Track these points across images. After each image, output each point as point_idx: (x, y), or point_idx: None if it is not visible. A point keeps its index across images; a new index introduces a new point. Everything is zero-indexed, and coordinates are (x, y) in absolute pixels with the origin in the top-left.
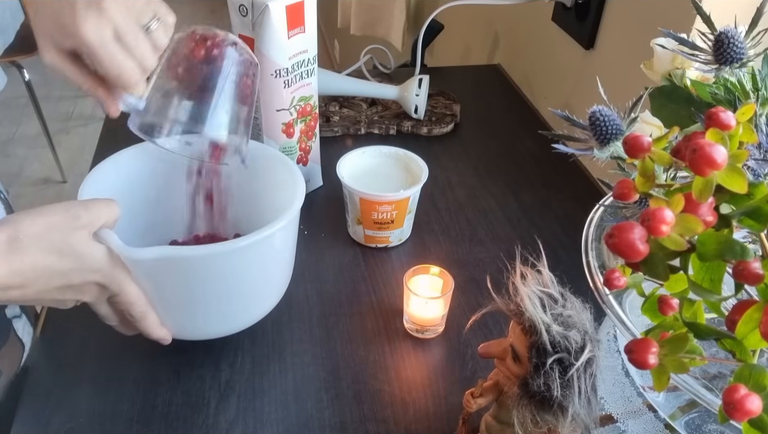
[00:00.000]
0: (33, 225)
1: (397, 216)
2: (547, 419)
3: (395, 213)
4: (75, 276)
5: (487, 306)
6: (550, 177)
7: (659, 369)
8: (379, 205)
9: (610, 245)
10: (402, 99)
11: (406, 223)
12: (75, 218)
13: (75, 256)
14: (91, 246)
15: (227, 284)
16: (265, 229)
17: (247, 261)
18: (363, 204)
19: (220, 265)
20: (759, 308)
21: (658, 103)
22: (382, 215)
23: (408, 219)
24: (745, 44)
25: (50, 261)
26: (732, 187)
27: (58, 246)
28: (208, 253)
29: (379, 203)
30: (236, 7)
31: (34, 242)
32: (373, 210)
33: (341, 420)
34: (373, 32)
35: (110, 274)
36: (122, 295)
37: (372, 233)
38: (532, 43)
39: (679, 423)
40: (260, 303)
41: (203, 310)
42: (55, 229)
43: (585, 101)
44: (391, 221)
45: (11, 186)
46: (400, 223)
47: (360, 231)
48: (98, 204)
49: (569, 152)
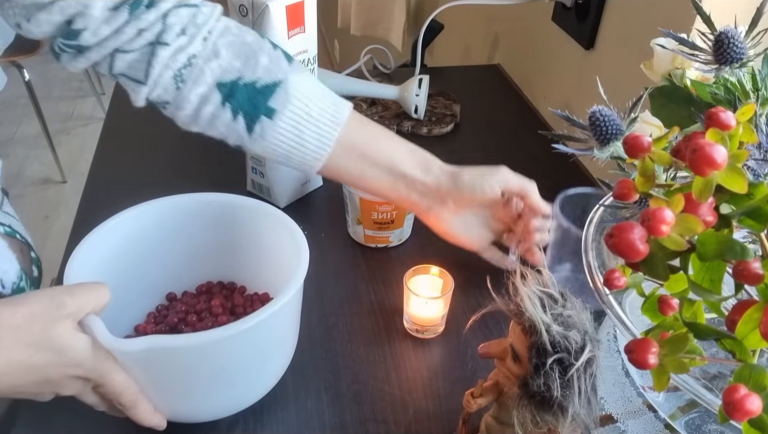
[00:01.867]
0: (12, 317)
1: (397, 216)
2: (547, 419)
3: (395, 213)
4: (53, 371)
5: (487, 306)
6: (550, 177)
7: (659, 369)
8: (379, 205)
9: (610, 245)
10: (402, 99)
11: (406, 223)
12: (59, 307)
13: (54, 351)
14: (72, 338)
15: (223, 369)
16: (264, 311)
17: (245, 345)
18: (363, 204)
19: (214, 352)
20: (759, 308)
21: (658, 103)
22: (382, 215)
23: (408, 219)
24: (745, 44)
25: (26, 355)
26: (732, 187)
27: (36, 339)
28: (200, 343)
29: (379, 203)
30: (236, 7)
31: (10, 334)
32: (373, 210)
33: (341, 420)
34: (373, 32)
35: (92, 367)
36: (108, 386)
37: (372, 233)
38: (532, 43)
39: (679, 423)
40: (262, 381)
41: (199, 395)
42: (36, 320)
43: (585, 101)
44: (391, 221)
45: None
46: (400, 223)
47: (360, 232)
48: (85, 290)
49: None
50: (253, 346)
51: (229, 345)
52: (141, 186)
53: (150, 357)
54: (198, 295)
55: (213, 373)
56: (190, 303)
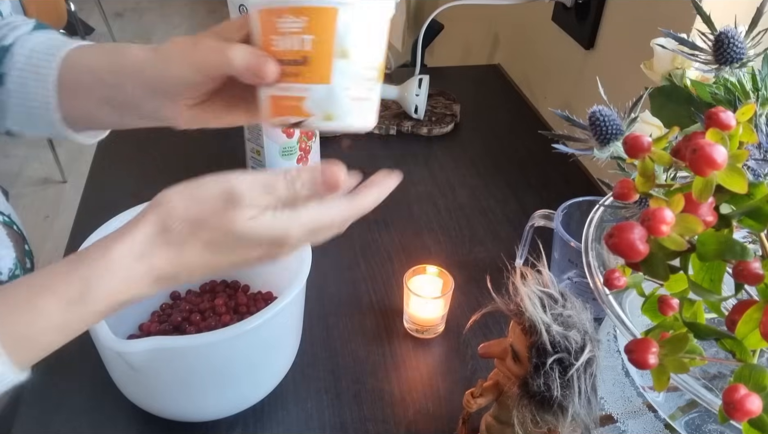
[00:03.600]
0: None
1: (316, 49)
2: (547, 419)
3: (311, 40)
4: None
5: (487, 306)
6: (550, 177)
7: (659, 369)
8: (281, 15)
9: (610, 245)
10: (402, 99)
11: (337, 75)
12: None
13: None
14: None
15: (226, 369)
16: (268, 311)
17: (248, 345)
18: (262, 21)
19: (217, 352)
20: (759, 308)
21: (658, 103)
22: (284, 43)
23: (341, 66)
24: (745, 44)
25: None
26: (732, 187)
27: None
28: (203, 343)
29: (281, 12)
30: (236, 7)
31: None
32: (273, 31)
33: (341, 420)
34: None
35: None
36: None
37: (277, 90)
38: (532, 43)
39: (679, 423)
40: (265, 381)
41: (201, 395)
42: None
43: (585, 101)
44: (303, 59)
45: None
46: (320, 67)
47: (266, 97)
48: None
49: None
50: (257, 346)
51: (232, 346)
52: (141, 186)
53: (153, 357)
54: (202, 294)
55: (216, 373)
56: (194, 302)
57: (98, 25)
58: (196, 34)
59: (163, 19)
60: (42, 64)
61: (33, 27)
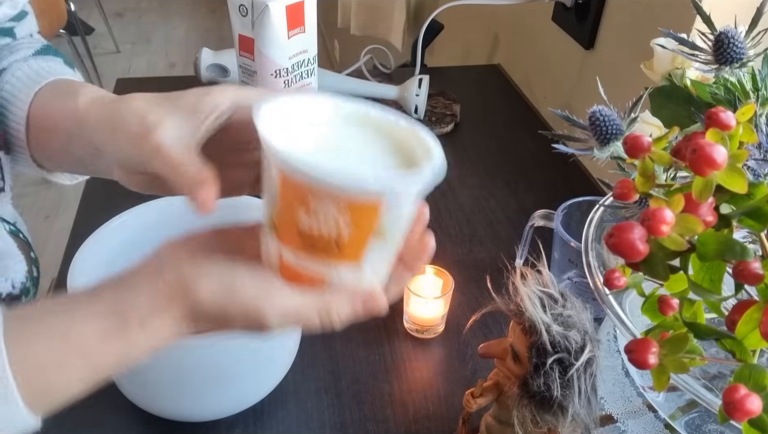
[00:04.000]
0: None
1: (350, 234)
2: (547, 419)
3: (348, 226)
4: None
5: (487, 306)
6: (550, 177)
7: (659, 369)
8: (314, 195)
9: (610, 245)
10: (402, 99)
11: (370, 255)
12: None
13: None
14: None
15: (226, 369)
16: None
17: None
18: (283, 184)
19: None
20: (759, 308)
21: (658, 103)
22: (317, 222)
23: (375, 246)
24: (745, 44)
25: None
26: (732, 187)
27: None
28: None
29: (315, 193)
30: (236, 7)
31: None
32: (300, 202)
33: (341, 420)
34: (373, 32)
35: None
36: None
37: (294, 259)
38: (532, 43)
39: (679, 423)
40: (265, 381)
41: (201, 395)
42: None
43: (585, 101)
44: (338, 244)
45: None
46: (352, 250)
47: (274, 252)
48: None
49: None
50: (257, 346)
51: (232, 346)
52: None
53: (153, 357)
54: None
55: (216, 373)
56: None
57: (98, 25)
58: (161, 105)
59: (163, 19)
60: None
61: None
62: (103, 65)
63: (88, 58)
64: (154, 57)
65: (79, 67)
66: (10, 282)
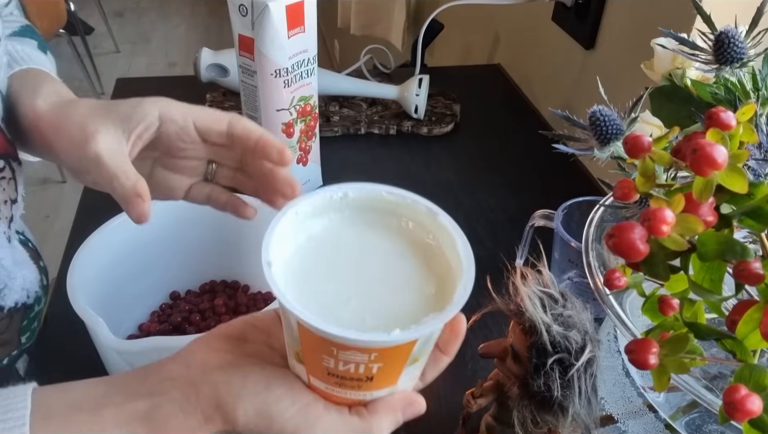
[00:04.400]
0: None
1: (382, 370)
2: (547, 419)
3: (377, 365)
4: None
5: (487, 307)
6: (550, 177)
7: (660, 370)
8: (339, 347)
9: (611, 245)
10: (402, 99)
11: (404, 377)
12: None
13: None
14: None
15: None
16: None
17: None
18: (304, 335)
19: None
20: (759, 308)
21: (658, 103)
22: (345, 365)
23: (410, 371)
24: (745, 44)
25: None
26: (732, 187)
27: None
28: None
29: (340, 346)
30: (236, 7)
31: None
32: (324, 352)
33: None
34: (373, 32)
35: None
36: None
37: (325, 388)
38: (532, 43)
39: (680, 423)
40: None
41: None
42: None
43: (585, 101)
44: (369, 378)
45: None
46: (387, 381)
47: (303, 376)
48: None
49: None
50: None
51: None
52: None
53: (153, 357)
54: (201, 294)
55: None
56: (194, 302)
57: (98, 25)
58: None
59: (163, 19)
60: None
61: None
62: (103, 65)
63: (87, 58)
64: (154, 57)
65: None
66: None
